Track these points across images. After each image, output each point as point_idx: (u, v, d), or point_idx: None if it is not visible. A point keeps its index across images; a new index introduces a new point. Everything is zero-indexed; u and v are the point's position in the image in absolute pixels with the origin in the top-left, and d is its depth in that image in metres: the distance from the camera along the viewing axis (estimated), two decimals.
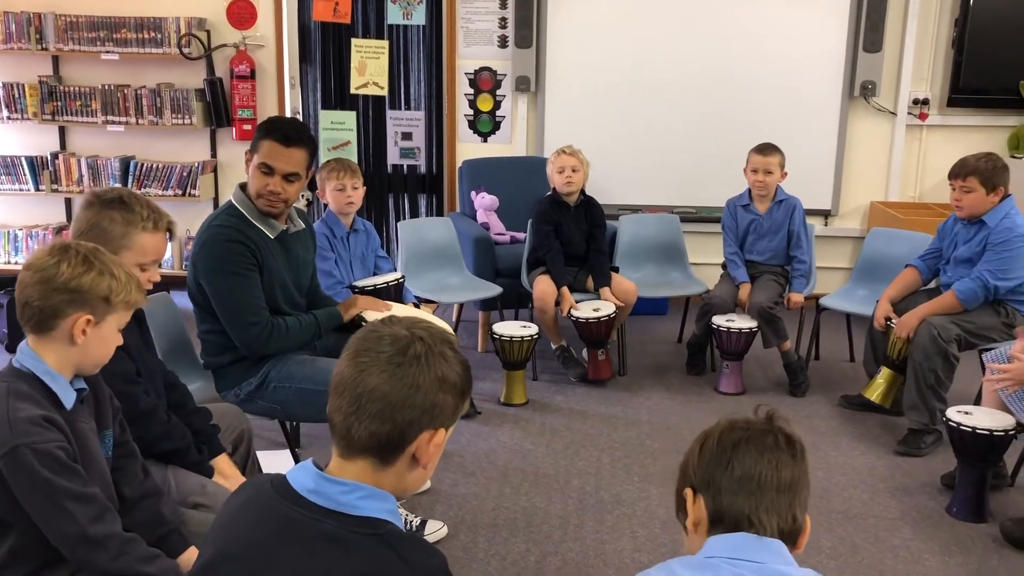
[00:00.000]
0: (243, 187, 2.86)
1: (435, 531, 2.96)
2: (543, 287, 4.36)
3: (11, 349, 2.20)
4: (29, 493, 1.68)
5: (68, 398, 1.79)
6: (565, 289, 4.34)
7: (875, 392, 3.91)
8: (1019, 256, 3.57)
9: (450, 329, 3.16)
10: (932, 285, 4.02)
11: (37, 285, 1.75)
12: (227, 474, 2.37)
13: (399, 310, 3.16)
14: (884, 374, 3.91)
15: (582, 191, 4.54)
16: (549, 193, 4.57)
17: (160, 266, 6.05)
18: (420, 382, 1.29)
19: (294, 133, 2.77)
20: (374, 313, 2.99)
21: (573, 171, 4.44)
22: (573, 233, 4.50)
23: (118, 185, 5.63)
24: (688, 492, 1.38)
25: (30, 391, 1.74)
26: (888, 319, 3.88)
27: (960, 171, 3.66)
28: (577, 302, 4.33)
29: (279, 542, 1.26)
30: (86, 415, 1.85)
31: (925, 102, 5.54)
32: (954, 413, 3.18)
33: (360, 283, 3.73)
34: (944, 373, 3.59)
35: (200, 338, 2.95)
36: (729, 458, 1.35)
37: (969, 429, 3.09)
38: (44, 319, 1.76)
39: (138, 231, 2.18)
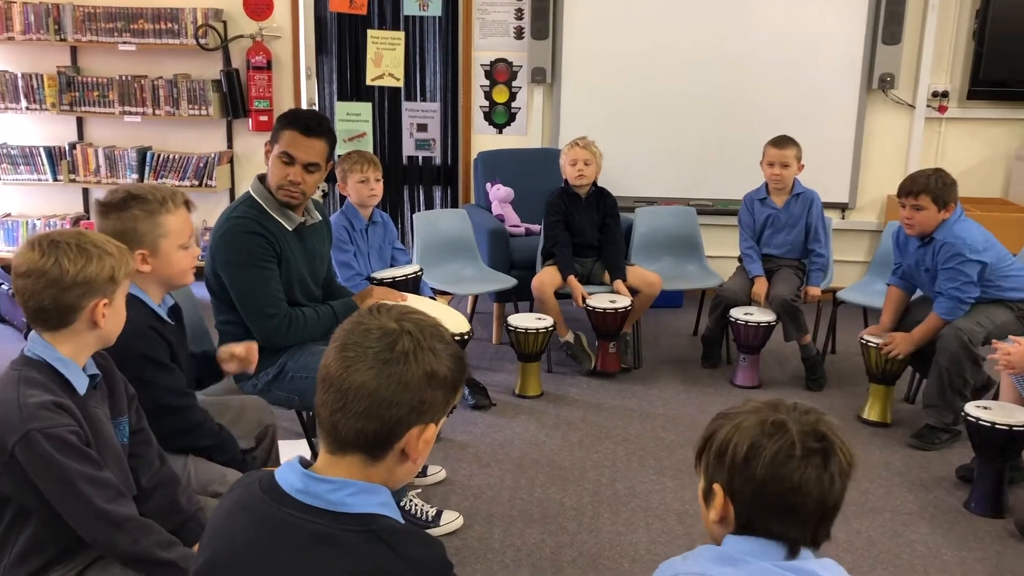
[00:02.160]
0: (261, 179, 2.86)
1: (451, 522, 2.97)
2: (541, 278, 4.36)
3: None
4: (45, 478, 1.69)
5: (80, 384, 1.80)
6: (572, 278, 4.33)
7: (872, 411, 3.90)
8: (967, 267, 3.57)
9: (464, 319, 3.18)
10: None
11: (47, 289, 1.74)
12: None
13: (414, 301, 3.16)
14: (873, 391, 3.89)
15: (594, 182, 4.53)
16: (562, 185, 4.56)
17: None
18: (408, 379, 1.24)
19: (315, 123, 2.78)
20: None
21: (585, 164, 4.42)
22: (584, 224, 4.47)
23: (117, 185, 5.69)
24: (718, 489, 1.30)
25: (41, 378, 1.76)
26: (862, 338, 3.89)
27: (911, 189, 3.60)
28: (591, 294, 4.32)
29: (271, 545, 1.24)
30: (99, 401, 1.87)
31: (944, 95, 5.50)
32: (972, 408, 3.17)
33: (378, 275, 3.74)
34: (971, 376, 3.58)
35: (218, 329, 2.97)
36: (779, 487, 1.24)
37: (988, 424, 3.07)
38: (62, 316, 1.78)
39: (163, 216, 2.19)
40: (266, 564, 1.24)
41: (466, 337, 3.14)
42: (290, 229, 2.85)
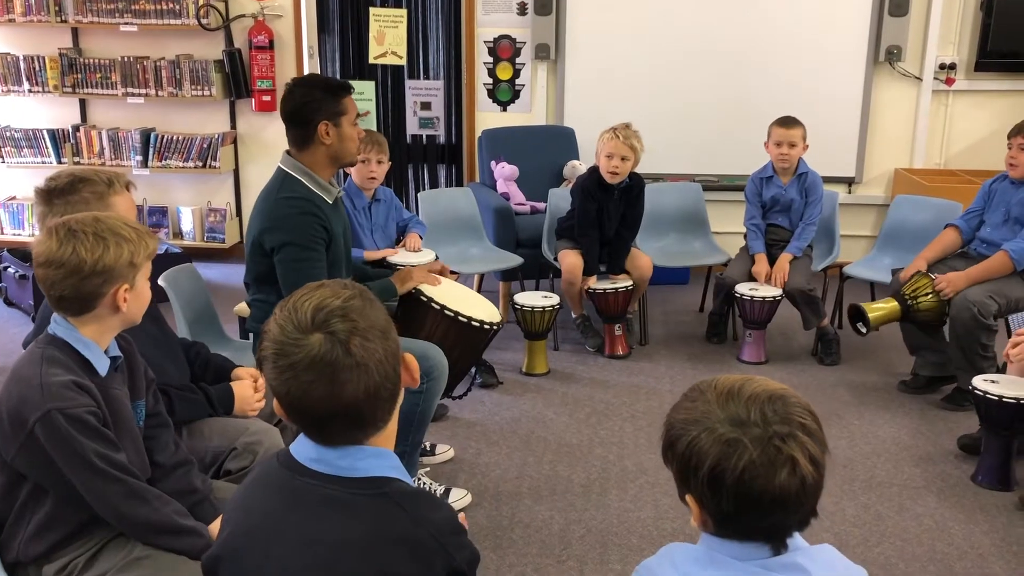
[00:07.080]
0: (291, 154, 2.79)
1: (459, 499, 2.99)
2: (572, 260, 4.29)
3: (37, 320, 2.22)
4: (64, 456, 1.71)
5: (102, 365, 1.82)
6: (593, 278, 4.28)
7: (874, 312, 3.79)
8: None
9: (495, 309, 3.13)
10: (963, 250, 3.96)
11: (67, 279, 1.74)
12: (242, 376, 2.42)
13: (448, 285, 3.10)
14: (890, 305, 3.78)
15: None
16: (593, 166, 4.32)
17: (182, 237, 6.02)
18: (389, 352, 1.28)
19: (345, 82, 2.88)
20: (430, 289, 2.97)
21: (622, 159, 4.11)
22: (611, 219, 4.28)
23: (55, 172, 5.53)
24: (692, 501, 1.23)
25: (63, 357, 1.77)
26: (918, 272, 3.79)
27: (1021, 129, 3.68)
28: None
29: (286, 512, 1.29)
30: (119, 383, 1.88)
31: (952, 67, 5.45)
32: (980, 381, 3.16)
33: (395, 260, 3.71)
34: (987, 341, 3.59)
35: (250, 304, 2.94)
36: (752, 499, 1.16)
37: (995, 398, 3.07)
38: (84, 303, 1.78)
39: (113, 197, 2.17)
40: (283, 531, 1.28)
41: (496, 328, 3.08)
42: (330, 202, 2.82)
